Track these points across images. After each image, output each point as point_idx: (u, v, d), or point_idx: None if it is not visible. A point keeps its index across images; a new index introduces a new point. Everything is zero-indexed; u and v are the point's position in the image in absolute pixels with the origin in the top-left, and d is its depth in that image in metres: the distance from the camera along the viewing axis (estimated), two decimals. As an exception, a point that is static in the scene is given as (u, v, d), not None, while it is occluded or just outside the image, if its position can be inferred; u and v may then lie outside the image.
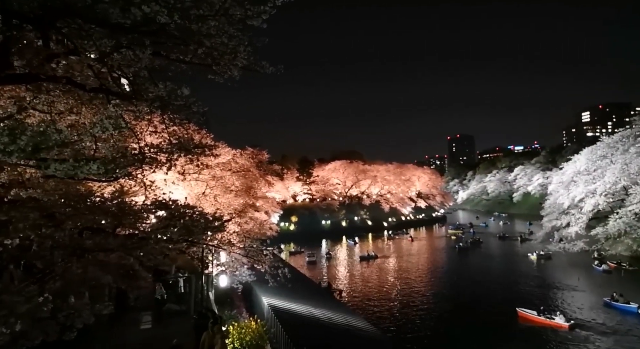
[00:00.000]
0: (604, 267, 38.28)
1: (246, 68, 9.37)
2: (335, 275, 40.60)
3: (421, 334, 22.91)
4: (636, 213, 41.89)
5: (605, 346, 20.95)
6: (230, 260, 19.84)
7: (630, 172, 44.80)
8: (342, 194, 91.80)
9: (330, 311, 21.32)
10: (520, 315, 24.79)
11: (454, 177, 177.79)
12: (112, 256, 9.78)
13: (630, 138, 47.90)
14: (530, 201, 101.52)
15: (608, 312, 25.53)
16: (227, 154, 27.90)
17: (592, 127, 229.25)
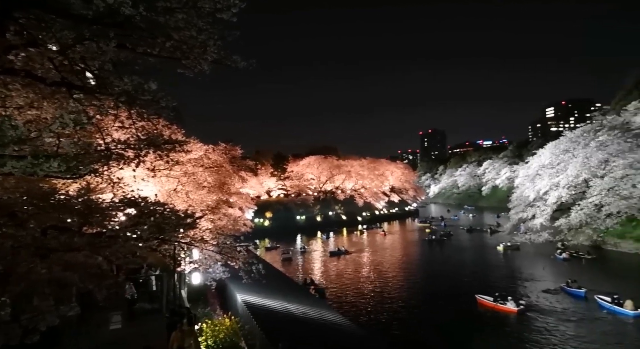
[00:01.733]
0: (563, 255, 40.10)
1: (217, 62, 9.22)
2: (310, 270, 40.76)
3: (393, 324, 23.41)
4: (596, 205, 44.03)
5: (549, 325, 22.26)
6: (203, 257, 19.59)
7: (590, 166, 46.98)
8: (317, 189, 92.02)
9: (305, 306, 21.42)
10: (478, 302, 26.21)
11: (426, 171, 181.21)
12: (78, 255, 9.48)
13: (591, 133, 50.19)
14: (499, 194, 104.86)
15: (561, 297, 27.32)
16: (199, 149, 27.44)
17: (556, 122, 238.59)
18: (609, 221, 42.69)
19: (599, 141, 47.41)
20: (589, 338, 20.41)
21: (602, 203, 43.31)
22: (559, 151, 53.31)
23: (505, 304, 24.65)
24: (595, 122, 53.14)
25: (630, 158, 43.89)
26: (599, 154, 46.42)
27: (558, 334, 21.05)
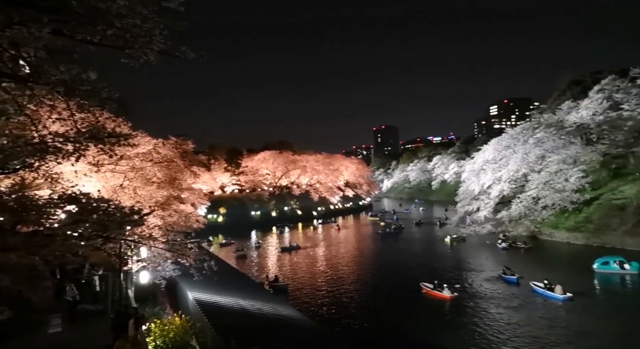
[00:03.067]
0: (503, 245, 42.78)
1: (164, 53, 8.90)
2: (265, 266, 40.58)
3: (346, 316, 23.89)
4: (533, 198, 47.19)
5: (486, 310, 23.90)
6: (152, 255, 18.95)
7: (529, 161, 50.24)
8: (272, 185, 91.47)
9: (259, 302, 21.33)
10: (422, 289, 27.76)
11: (380, 166, 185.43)
12: (11, 255, 8.88)
13: (529, 130, 53.61)
14: (447, 188, 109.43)
15: (498, 283, 29.37)
16: (148, 143, 26.32)
17: (499, 120, 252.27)
18: (545, 212, 45.99)
19: (536, 138, 50.78)
20: (523, 321, 21.90)
21: (538, 196, 46.53)
22: (501, 147, 56.55)
23: (441, 291, 26.39)
24: (534, 120, 56.79)
25: (563, 154, 47.46)
26: (536, 150, 49.77)
27: (493, 318, 22.47)
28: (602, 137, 47.13)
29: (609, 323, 21.12)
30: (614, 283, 28.37)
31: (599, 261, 30.91)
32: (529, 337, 19.54)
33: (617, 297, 26.28)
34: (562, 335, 19.59)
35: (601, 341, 18.77)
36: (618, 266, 29.87)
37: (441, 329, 21.37)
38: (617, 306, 24.13)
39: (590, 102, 46.19)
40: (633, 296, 26.83)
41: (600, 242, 39.26)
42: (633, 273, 29.17)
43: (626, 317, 21.93)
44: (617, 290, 27.57)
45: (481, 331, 20.71)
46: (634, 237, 36.80)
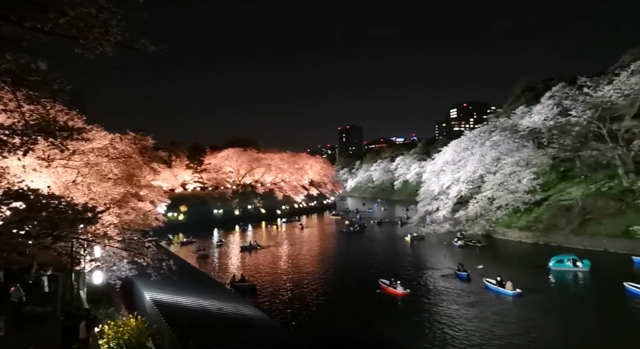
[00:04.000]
0: (459, 243, 44.49)
1: (121, 45, 8.58)
2: (226, 266, 40.02)
3: (308, 314, 24.04)
4: (489, 198, 49.30)
5: (439, 305, 24.90)
6: (107, 254, 18.20)
7: (485, 163, 52.41)
8: (236, 183, 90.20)
9: (220, 302, 21.01)
10: (381, 286, 28.48)
11: (344, 166, 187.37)
12: (-52, 255, 8.31)
13: (486, 133, 55.92)
14: (409, 188, 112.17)
15: (453, 280, 30.59)
16: (104, 138, 25.20)
17: (458, 122, 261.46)
18: (499, 212, 48.20)
19: (492, 141, 53.06)
20: (473, 315, 22.85)
21: (494, 196, 48.69)
22: (460, 149, 58.66)
23: (395, 288, 27.23)
24: (490, 124, 59.32)
25: (517, 157, 49.90)
26: (492, 152, 52.02)
27: (445, 313, 23.33)
28: (552, 142, 49.90)
29: (555, 316, 22.41)
30: (566, 280, 30.00)
31: (554, 259, 32.54)
32: (479, 330, 20.39)
33: (567, 293, 27.88)
34: (509, 328, 20.57)
35: (546, 334, 19.88)
36: (571, 263, 31.58)
37: (396, 324, 21.96)
38: (565, 301, 25.63)
39: (542, 108, 48.76)
40: (581, 291, 28.59)
41: (548, 241, 41.62)
42: (585, 270, 30.94)
43: (572, 311, 23.34)
44: (568, 286, 29.15)
45: (432, 325, 21.43)
46: (579, 236, 39.31)
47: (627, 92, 40.53)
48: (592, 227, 39.21)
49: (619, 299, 24.48)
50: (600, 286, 28.34)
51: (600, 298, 26.22)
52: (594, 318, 22.20)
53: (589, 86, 43.71)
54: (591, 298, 26.61)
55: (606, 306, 24.23)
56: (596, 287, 28.52)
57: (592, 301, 25.80)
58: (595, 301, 25.84)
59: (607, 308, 23.85)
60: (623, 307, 23.48)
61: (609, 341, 18.84)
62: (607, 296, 25.85)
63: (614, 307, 23.71)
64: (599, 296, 26.62)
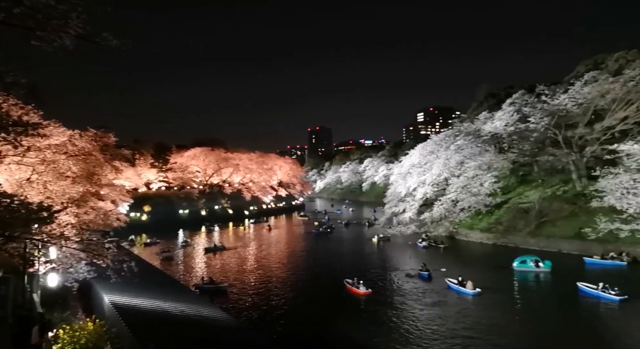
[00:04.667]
0: (423, 244, 45.64)
1: (82, 38, 8.28)
2: (190, 268, 39.20)
3: (273, 313, 23.96)
4: (453, 200, 50.77)
5: (402, 304, 25.55)
6: (63, 256, 17.43)
7: (450, 166, 53.95)
8: (203, 183, 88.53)
9: (182, 304, 20.55)
10: (346, 286, 28.88)
11: (313, 167, 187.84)
12: None
13: (451, 137, 57.57)
14: (377, 190, 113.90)
15: (415, 279, 31.47)
16: (62, 135, 24.06)
17: (425, 126, 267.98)
18: (462, 214, 49.75)
19: (457, 145, 54.71)
20: (436, 314, 23.51)
21: (457, 199, 50.21)
22: (426, 152, 60.12)
23: (358, 288, 27.67)
24: (455, 128, 61.12)
25: (479, 161, 51.70)
26: (456, 156, 53.65)
27: (407, 312, 23.92)
28: (512, 147, 52.10)
29: (513, 315, 23.32)
30: (528, 280, 31.20)
31: (518, 260, 33.71)
32: (439, 329, 20.95)
33: (527, 292, 29.08)
34: (469, 327, 21.22)
35: (504, 331, 20.70)
36: (534, 264, 32.82)
37: (359, 324, 22.25)
38: (524, 300, 26.75)
39: (503, 114, 50.75)
40: (540, 291, 29.87)
41: (507, 242, 43.38)
42: (546, 270, 32.29)
43: (530, 309, 24.37)
44: (529, 286, 30.32)
45: (394, 324, 21.84)
46: (535, 238, 41.19)
47: (580, 101, 42.86)
48: (548, 229, 41.20)
49: (574, 298, 25.75)
50: (558, 285, 29.69)
51: (556, 297, 27.54)
52: (549, 316, 23.20)
53: (546, 94, 45.92)
54: (548, 297, 27.90)
55: (561, 304, 25.48)
56: (554, 287, 29.89)
57: (549, 300, 27.04)
58: (552, 299, 27.08)
59: (562, 306, 25.08)
60: (576, 305, 24.73)
61: (562, 338, 19.78)
62: (563, 295, 27.12)
63: (568, 305, 24.94)
64: (556, 295, 27.94)
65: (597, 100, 41.89)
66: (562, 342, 19.25)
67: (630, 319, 22.00)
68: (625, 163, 36.28)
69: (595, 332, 20.11)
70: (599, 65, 52.84)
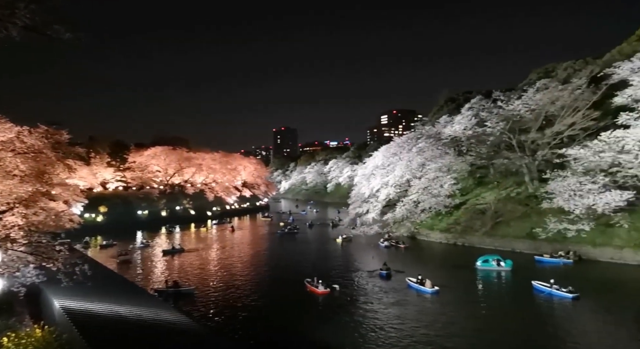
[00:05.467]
0: (385, 244, 46.59)
1: (31, 29, 7.88)
2: (150, 270, 37.98)
3: (235, 317, 23.59)
4: (414, 201, 52.07)
5: (362, 303, 25.95)
6: (9, 259, 16.40)
7: (412, 168, 55.37)
8: (163, 183, 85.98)
9: (140, 308, 19.88)
10: (306, 286, 29.11)
11: (278, 167, 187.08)
12: None
13: (413, 140, 59.14)
14: (341, 190, 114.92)
15: (377, 278, 31.99)
16: (9, 131, 22.63)
17: (388, 128, 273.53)
18: (423, 215, 51.12)
19: (418, 147, 56.27)
20: (395, 312, 23.97)
21: (419, 200, 51.54)
22: (389, 154, 61.43)
23: (317, 287, 28.01)
24: (417, 131, 62.81)
25: (440, 163, 53.37)
26: (418, 158, 55.17)
27: (367, 310, 24.30)
28: (470, 150, 54.18)
29: (469, 312, 24.12)
30: (490, 278, 32.26)
31: (481, 259, 34.77)
32: (398, 326, 21.34)
33: (485, 290, 29.90)
34: (427, 324, 21.79)
35: (461, 328, 21.44)
36: (495, 263, 33.96)
37: (320, 323, 22.32)
38: (481, 297, 27.73)
39: (462, 118, 52.69)
40: (498, 288, 30.82)
41: (465, 242, 45.03)
42: (507, 269, 33.43)
43: (487, 307, 25.15)
44: (489, 284, 31.13)
45: (353, 323, 22.05)
46: (491, 238, 43.00)
47: (533, 107, 45.19)
48: (502, 229, 43.14)
49: (529, 296, 26.70)
50: (516, 283, 30.73)
51: (513, 294, 28.74)
52: (504, 313, 24.07)
53: (502, 100, 48.08)
54: (505, 295, 29.15)
55: (517, 302, 26.52)
56: (512, 285, 30.97)
57: (506, 298, 28.24)
58: (509, 297, 28.26)
59: (518, 303, 26.07)
60: (531, 303, 25.67)
61: (516, 335, 20.48)
62: (519, 293, 28.20)
63: (523, 303, 25.86)
64: (512, 293, 29.14)
65: (547, 106, 44.31)
66: (516, 339, 19.86)
67: (581, 316, 23.05)
68: (572, 167, 38.61)
69: (548, 329, 20.86)
70: (549, 74, 56.03)
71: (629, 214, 34.65)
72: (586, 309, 24.09)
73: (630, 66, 38.26)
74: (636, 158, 34.27)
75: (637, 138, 33.98)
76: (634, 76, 37.16)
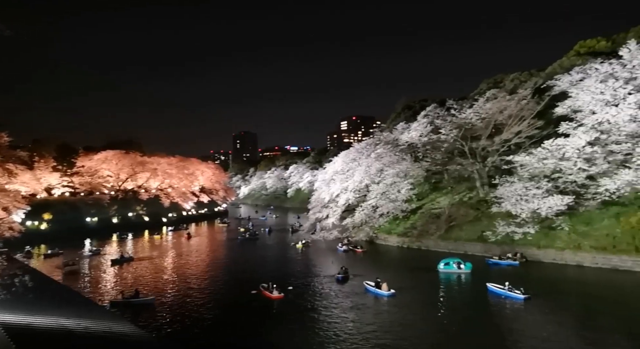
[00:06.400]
0: (343, 248, 47.13)
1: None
2: (99, 279, 36.04)
3: (190, 326, 22.86)
4: (373, 206, 53.01)
5: (311, 305, 26.33)
6: (-63, 272, 15.01)
7: (370, 173, 56.40)
8: (115, 188, 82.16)
9: (88, 321, 18.78)
10: (261, 291, 29.02)
11: (238, 172, 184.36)
12: None
13: (372, 146, 60.32)
14: (302, 196, 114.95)
15: (333, 282, 32.23)
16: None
17: (348, 134, 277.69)
18: (381, 219, 52.14)
19: (377, 153, 57.43)
20: (351, 316, 24.12)
21: (377, 205, 52.53)
22: (348, 160, 62.28)
23: (271, 292, 27.99)
24: (376, 137, 64.17)
25: (397, 168, 54.72)
26: (376, 163, 56.29)
27: (325, 314, 24.36)
28: (426, 156, 56.00)
29: (425, 314, 24.65)
30: (450, 280, 32.92)
31: (442, 262, 35.48)
32: (354, 330, 21.55)
33: (443, 292, 30.21)
34: (381, 326, 22.19)
35: (414, 329, 22.00)
36: (456, 266, 34.83)
37: (274, 329, 22.15)
38: (438, 300, 27.85)
39: (418, 125, 54.42)
40: (455, 290, 31.47)
41: (421, 246, 46.35)
42: (467, 271, 34.41)
43: (442, 309, 25.81)
44: (447, 286, 31.67)
45: (309, 327, 22.04)
46: (445, 241, 44.55)
47: (483, 116, 47.48)
48: (456, 232, 44.84)
49: (484, 298, 27.57)
50: (473, 285, 31.64)
51: (469, 296, 29.62)
52: (459, 315, 24.53)
53: (455, 108, 50.16)
54: (462, 297, 29.74)
55: (472, 303, 27.22)
56: (470, 287, 31.88)
57: (462, 300, 28.79)
58: (465, 299, 28.89)
59: (473, 305, 26.77)
60: (486, 304, 26.52)
61: (470, 336, 21.04)
62: (475, 295, 29.13)
63: (478, 304, 26.65)
64: (468, 295, 30.04)
65: (496, 115, 46.72)
66: (470, 340, 20.33)
67: (533, 316, 23.84)
68: (519, 173, 40.92)
69: (501, 329, 21.53)
70: (498, 84, 59.18)
71: (569, 217, 37.17)
72: (537, 309, 24.93)
73: (570, 79, 41.28)
74: (575, 165, 36.88)
75: (575, 146, 36.58)
76: (572, 88, 40.07)
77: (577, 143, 36.49)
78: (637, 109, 34.88)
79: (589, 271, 33.69)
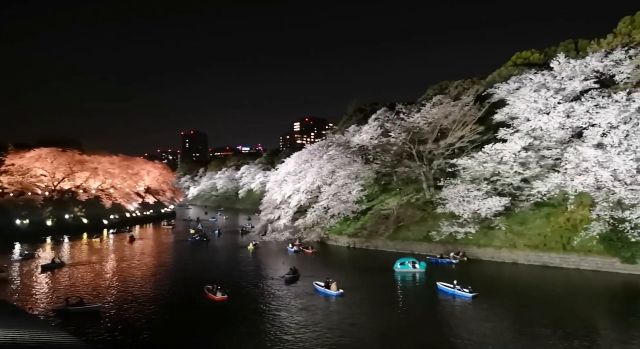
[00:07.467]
0: (294, 249, 47.21)
1: None
2: (31, 287, 33.34)
3: (130, 332, 21.74)
4: (325, 207, 53.43)
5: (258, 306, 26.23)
6: None
7: (322, 175, 56.81)
8: (50, 188, 76.51)
9: (15, 330, 17.29)
10: (206, 293, 28.57)
11: (186, 173, 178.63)
12: None
13: (324, 147, 60.83)
14: (253, 197, 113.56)
15: (282, 283, 32.04)
16: None
17: (301, 135, 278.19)
18: (333, 220, 52.68)
19: (329, 155, 58.00)
20: (299, 317, 24.08)
21: (329, 206, 52.99)
22: (301, 161, 62.36)
23: (215, 294, 27.68)
24: (328, 139, 64.78)
25: (348, 170, 55.55)
26: (328, 165, 56.83)
27: (272, 315, 24.22)
28: (376, 158, 57.39)
29: (373, 313, 25.08)
30: (405, 280, 33.41)
31: (399, 262, 35.90)
32: (303, 330, 21.58)
33: (395, 291, 30.68)
34: (329, 325, 22.36)
35: (362, 329, 22.35)
36: (411, 265, 35.44)
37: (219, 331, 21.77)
38: (388, 299, 28.01)
39: (369, 128, 55.67)
40: (408, 289, 32.05)
41: (370, 246, 47.40)
42: (421, 271, 35.09)
43: (391, 307, 26.19)
44: (401, 285, 32.14)
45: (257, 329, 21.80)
46: (393, 241, 45.88)
47: (430, 120, 49.48)
48: (403, 233, 46.32)
49: (434, 296, 28.37)
50: (425, 284, 32.32)
51: (420, 295, 30.41)
52: (409, 313, 25.23)
53: (404, 112, 51.88)
54: (413, 296, 30.40)
55: (422, 302, 28.03)
56: (421, 285, 32.47)
57: (412, 298, 29.47)
58: (415, 298, 29.57)
59: (423, 303, 27.58)
60: (435, 302, 27.29)
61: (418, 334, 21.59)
62: (426, 293, 29.95)
63: (428, 302, 27.48)
64: (419, 294, 30.75)
65: (442, 120, 48.85)
66: (417, 338, 20.79)
67: (479, 313, 24.88)
68: (462, 175, 43.06)
69: (449, 326, 22.25)
70: (443, 90, 61.89)
71: (506, 218, 39.66)
72: (480, 306, 26.10)
73: (507, 88, 44.17)
74: (512, 168, 39.43)
75: (512, 151, 39.11)
76: (509, 96, 42.90)
77: (514, 148, 39.02)
78: (565, 117, 38.02)
79: (522, 268, 36.11)
